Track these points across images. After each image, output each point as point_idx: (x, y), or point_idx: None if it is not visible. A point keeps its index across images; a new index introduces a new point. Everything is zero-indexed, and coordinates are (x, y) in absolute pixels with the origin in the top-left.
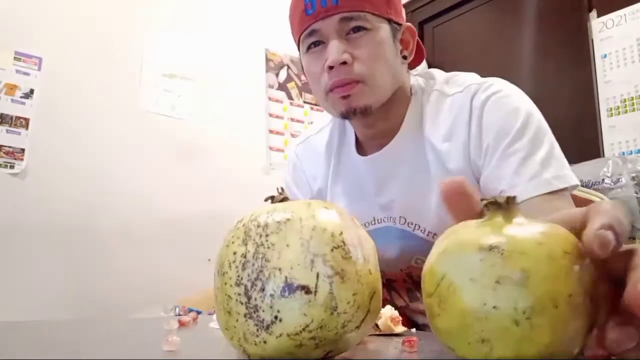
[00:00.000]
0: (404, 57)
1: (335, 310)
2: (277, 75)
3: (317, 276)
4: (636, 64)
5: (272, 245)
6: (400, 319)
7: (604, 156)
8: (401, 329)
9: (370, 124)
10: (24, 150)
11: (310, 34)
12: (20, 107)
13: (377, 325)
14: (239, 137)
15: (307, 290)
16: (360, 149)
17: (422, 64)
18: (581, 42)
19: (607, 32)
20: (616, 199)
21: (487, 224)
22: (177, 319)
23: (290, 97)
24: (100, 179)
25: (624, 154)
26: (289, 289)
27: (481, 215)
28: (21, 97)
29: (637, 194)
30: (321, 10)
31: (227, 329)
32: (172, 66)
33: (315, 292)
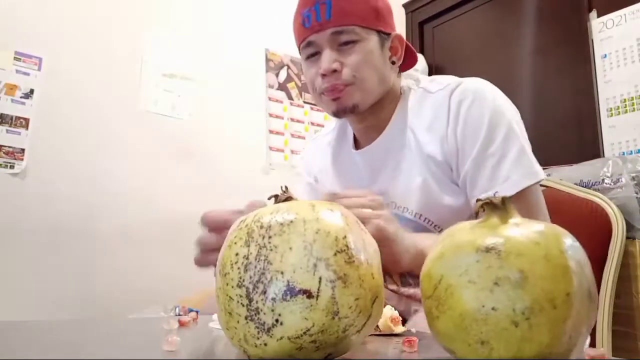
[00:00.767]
0: (393, 62)
1: (336, 314)
2: (277, 75)
3: (320, 280)
4: (636, 64)
5: (275, 247)
6: (400, 319)
7: (604, 156)
8: (401, 329)
9: (360, 120)
10: (24, 150)
11: (307, 44)
12: (20, 107)
13: (377, 325)
14: (239, 137)
15: (309, 294)
16: (357, 144)
17: (422, 63)
18: (581, 42)
19: (607, 32)
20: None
21: (483, 225)
22: (177, 319)
23: (290, 97)
24: (100, 179)
25: (624, 154)
26: (291, 292)
27: (477, 216)
28: (21, 97)
29: (637, 194)
30: (316, 24)
31: (228, 329)
32: (172, 66)
33: (317, 297)
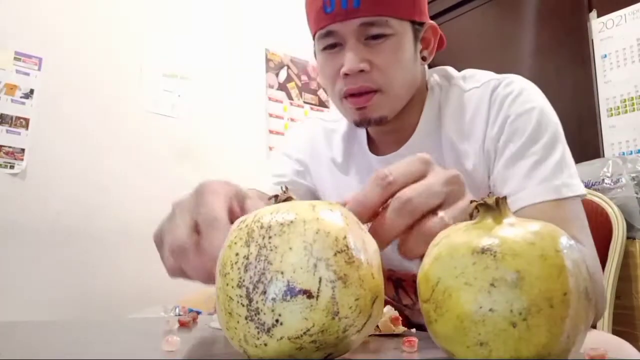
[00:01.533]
0: (423, 58)
1: (337, 315)
2: (277, 75)
3: (320, 281)
4: (636, 64)
5: (275, 247)
6: (400, 319)
7: (604, 156)
8: (401, 329)
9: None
10: (24, 150)
11: (327, 34)
12: (20, 107)
13: (377, 325)
14: (239, 137)
15: (309, 294)
16: (372, 144)
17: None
18: (581, 42)
19: (607, 32)
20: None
21: (477, 226)
22: (177, 319)
23: (290, 97)
24: (100, 179)
25: (624, 154)
26: (291, 293)
27: (471, 217)
28: (21, 97)
29: (637, 194)
30: (341, 11)
31: (228, 329)
32: (172, 66)
33: (317, 297)
